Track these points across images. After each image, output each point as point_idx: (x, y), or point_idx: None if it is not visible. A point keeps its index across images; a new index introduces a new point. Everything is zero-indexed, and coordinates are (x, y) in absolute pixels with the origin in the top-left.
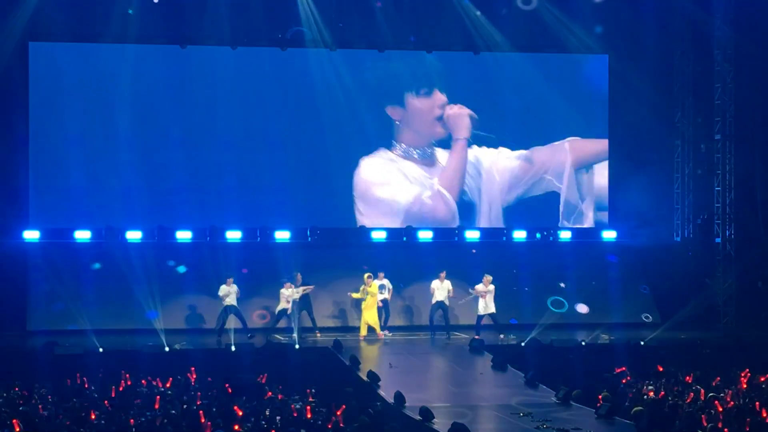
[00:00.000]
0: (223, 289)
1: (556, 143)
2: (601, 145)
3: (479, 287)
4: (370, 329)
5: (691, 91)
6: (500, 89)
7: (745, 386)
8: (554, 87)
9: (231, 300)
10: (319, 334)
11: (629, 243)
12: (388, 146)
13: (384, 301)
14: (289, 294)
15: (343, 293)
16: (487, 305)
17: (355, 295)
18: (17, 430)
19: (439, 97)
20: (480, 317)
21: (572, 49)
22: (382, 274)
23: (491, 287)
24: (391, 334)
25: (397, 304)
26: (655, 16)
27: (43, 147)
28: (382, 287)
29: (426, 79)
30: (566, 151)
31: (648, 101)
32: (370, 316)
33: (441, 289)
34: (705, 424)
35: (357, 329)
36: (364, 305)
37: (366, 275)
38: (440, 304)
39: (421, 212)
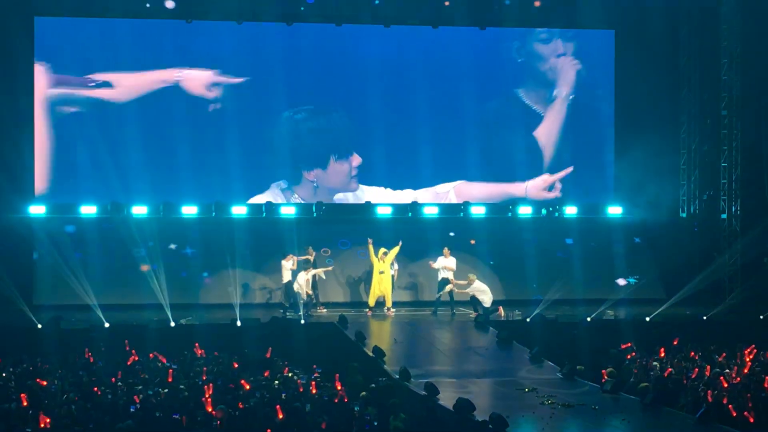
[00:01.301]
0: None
1: None
2: None
3: (462, 286)
4: (378, 304)
5: (698, 66)
6: (506, 64)
7: (749, 362)
8: (561, 62)
9: (288, 276)
10: (323, 309)
11: (635, 219)
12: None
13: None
14: (307, 274)
15: (348, 268)
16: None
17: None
18: (25, 404)
19: None
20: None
21: (578, 25)
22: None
23: (478, 285)
24: (394, 311)
25: (403, 280)
26: None
27: (48, 122)
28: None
29: None
30: None
31: (654, 76)
32: (382, 288)
33: (446, 265)
34: (710, 400)
35: (363, 304)
36: (375, 278)
37: (382, 251)
38: (446, 281)
39: None
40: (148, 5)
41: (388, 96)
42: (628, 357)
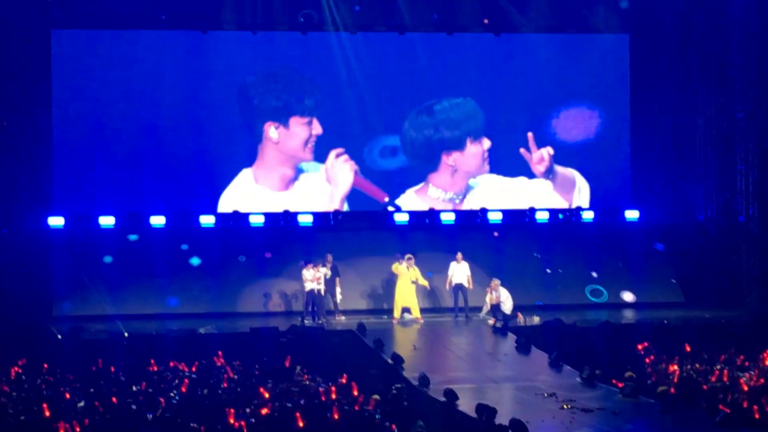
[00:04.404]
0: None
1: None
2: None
3: (488, 298)
4: (404, 311)
5: (713, 69)
6: (521, 71)
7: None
8: (576, 67)
9: (312, 285)
10: (342, 317)
11: (652, 223)
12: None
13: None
14: (312, 276)
15: (367, 276)
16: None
17: (397, 268)
18: (47, 414)
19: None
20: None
21: (593, 29)
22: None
23: (503, 291)
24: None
25: (421, 286)
26: None
27: (66, 134)
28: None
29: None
30: None
31: (669, 80)
32: (408, 298)
33: (459, 271)
34: (727, 409)
35: (382, 311)
36: (400, 287)
37: (407, 256)
38: (460, 286)
39: None
40: (164, 17)
41: None
42: (647, 360)
